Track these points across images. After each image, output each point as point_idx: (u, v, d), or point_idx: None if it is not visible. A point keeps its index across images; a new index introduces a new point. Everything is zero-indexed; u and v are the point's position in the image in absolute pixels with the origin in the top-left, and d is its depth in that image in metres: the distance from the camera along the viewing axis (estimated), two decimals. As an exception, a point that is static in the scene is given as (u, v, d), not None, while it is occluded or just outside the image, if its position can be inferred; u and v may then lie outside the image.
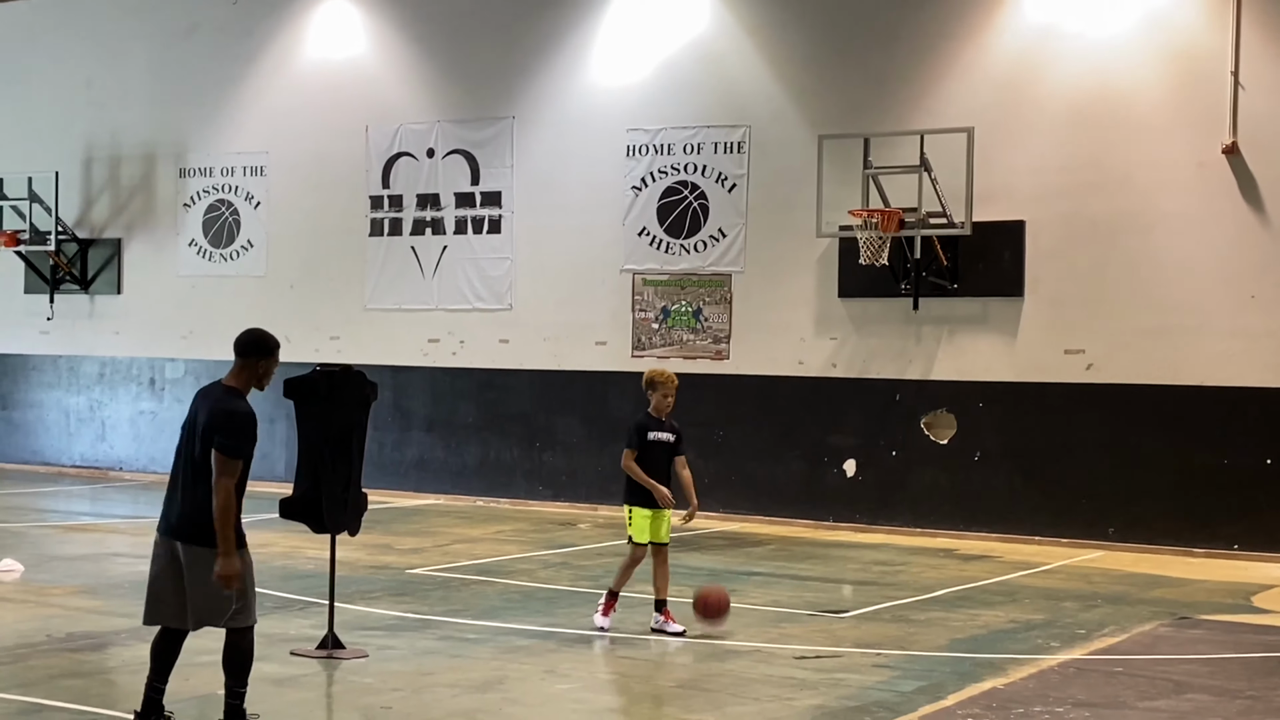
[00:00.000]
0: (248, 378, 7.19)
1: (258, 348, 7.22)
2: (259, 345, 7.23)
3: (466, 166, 19.17)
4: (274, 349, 7.27)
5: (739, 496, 17.25)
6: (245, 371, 7.18)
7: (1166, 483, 15.15)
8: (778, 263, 17.24)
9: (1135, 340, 15.36)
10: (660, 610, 10.18)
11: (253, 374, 7.19)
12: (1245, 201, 14.92)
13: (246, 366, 7.18)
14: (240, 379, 7.18)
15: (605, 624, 10.13)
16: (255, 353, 7.21)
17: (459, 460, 19.20)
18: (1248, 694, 8.47)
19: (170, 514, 7.22)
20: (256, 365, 7.19)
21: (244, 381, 7.19)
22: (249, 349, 7.21)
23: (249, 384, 7.21)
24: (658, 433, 10.28)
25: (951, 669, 9.12)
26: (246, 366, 7.18)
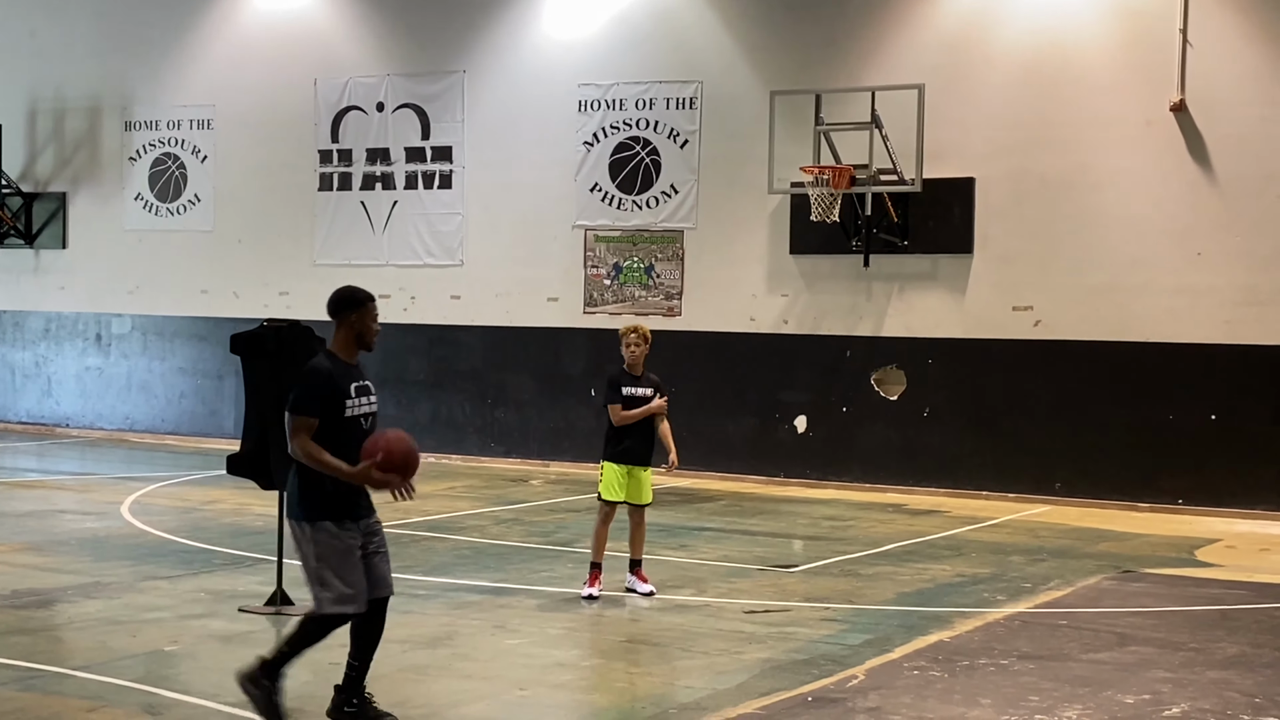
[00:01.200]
0: (344, 337, 6.72)
1: (345, 304, 6.72)
2: (346, 301, 6.73)
3: (417, 121, 19.02)
4: (363, 301, 6.76)
5: (690, 452, 17.10)
6: (341, 331, 6.73)
7: (1113, 438, 15.30)
8: (730, 219, 17.23)
9: (1083, 297, 15.47)
10: (634, 570, 10.06)
11: (350, 332, 6.71)
12: (1193, 159, 15.02)
13: (341, 325, 6.72)
14: (337, 341, 6.74)
15: (593, 592, 9.78)
16: (344, 309, 6.72)
17: (410, 417, 19.10)
18: (1190, 646, 8.59)
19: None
20: (350, 321, 6.69)
21: (340, 343, 6.73)
22: (338, 307, 6.72)
23: (348, 344, 6.72)
24: (633, 388, 9.99)
25: (899, 622, 9.20)
26: (341, 325, 6.72)
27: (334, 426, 6.53)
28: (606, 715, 6.98)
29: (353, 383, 6.65)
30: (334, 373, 6.61)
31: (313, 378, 6.59)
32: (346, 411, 6.57)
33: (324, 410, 6.52)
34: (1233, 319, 14.81)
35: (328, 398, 6.54)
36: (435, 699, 7.30)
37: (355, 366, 6.76)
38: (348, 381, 6.63)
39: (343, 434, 6.54)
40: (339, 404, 6.55)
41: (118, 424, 21.00)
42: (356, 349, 6.76)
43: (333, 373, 6.61)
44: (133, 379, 21.00)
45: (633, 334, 10.09)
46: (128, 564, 10.70)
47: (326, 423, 6.52)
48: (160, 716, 6.83)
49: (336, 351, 6.73)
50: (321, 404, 6.52)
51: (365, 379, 6.78)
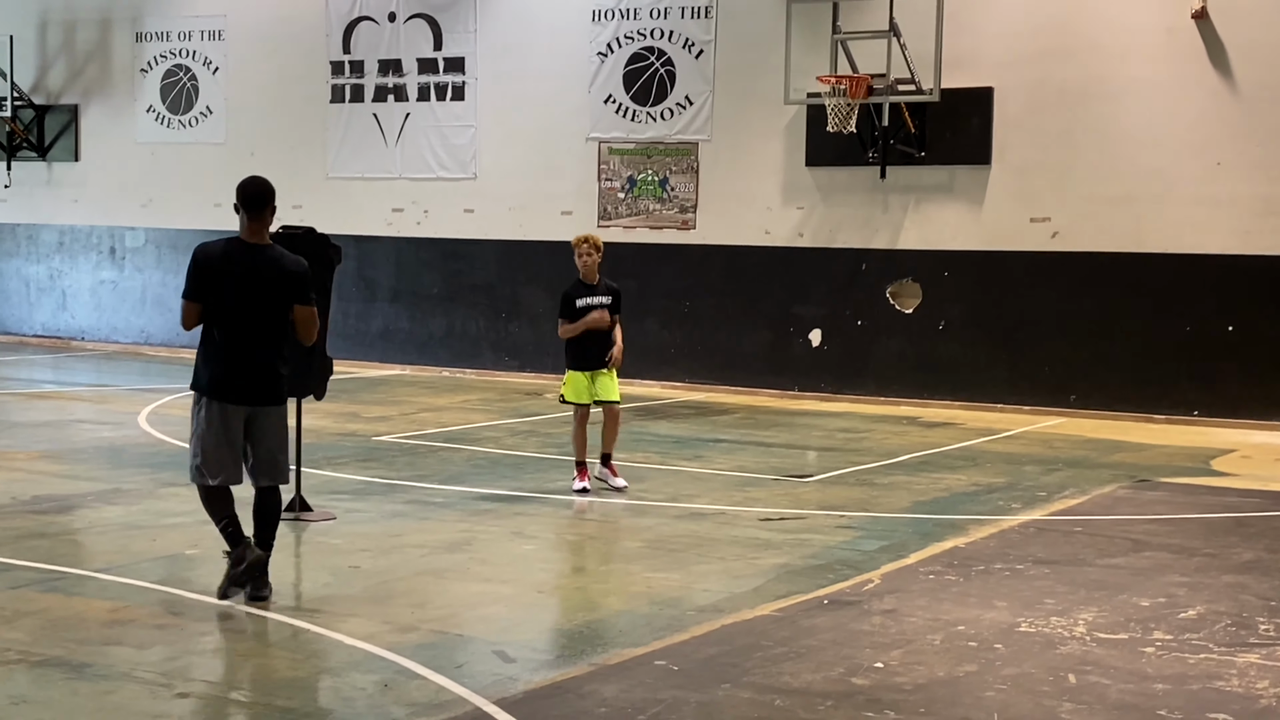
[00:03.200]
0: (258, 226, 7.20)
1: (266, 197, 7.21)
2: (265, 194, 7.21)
3: (429, 31, 18.85)
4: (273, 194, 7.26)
5: (705, 366, 17.30)
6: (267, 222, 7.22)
7: (1129, 350, 15.25)
8: (745, 131, 17.09)
9: (1101, 208, 15.36)
10: (606, 464, 10.41)
11: (268, 224, 7.24)
12: (1214, 68, 14.84)
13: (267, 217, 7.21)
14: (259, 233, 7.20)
15: (584, 485, 10.24)
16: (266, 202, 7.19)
17: (424, 331, 19.14)
18: (1204, 551, 8.61)
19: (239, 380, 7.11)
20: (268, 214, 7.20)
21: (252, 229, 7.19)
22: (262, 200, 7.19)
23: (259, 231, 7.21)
24: (588, 298, 10.33)
25: (914, 529, 9.23)
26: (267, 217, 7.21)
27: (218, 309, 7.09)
28: (624, 617, 7.03)
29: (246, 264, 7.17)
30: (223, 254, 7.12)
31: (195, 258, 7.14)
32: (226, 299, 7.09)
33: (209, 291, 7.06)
34: (1252, 229, 14.70)
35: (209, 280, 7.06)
36: (454, 601, 7.36)
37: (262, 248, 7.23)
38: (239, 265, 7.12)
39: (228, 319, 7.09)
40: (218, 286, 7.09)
41: (133, 337, 21.04)
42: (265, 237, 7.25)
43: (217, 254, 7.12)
44: (147, 293, 21.00)
45: (584, 244, 10.37)
46: (146, 472, 10.76)
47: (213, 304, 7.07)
48: (181, 616, 6.89)
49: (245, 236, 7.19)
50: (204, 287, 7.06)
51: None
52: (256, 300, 7.07)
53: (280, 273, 7.13)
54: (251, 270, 7.07)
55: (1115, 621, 6.97)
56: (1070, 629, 6.83)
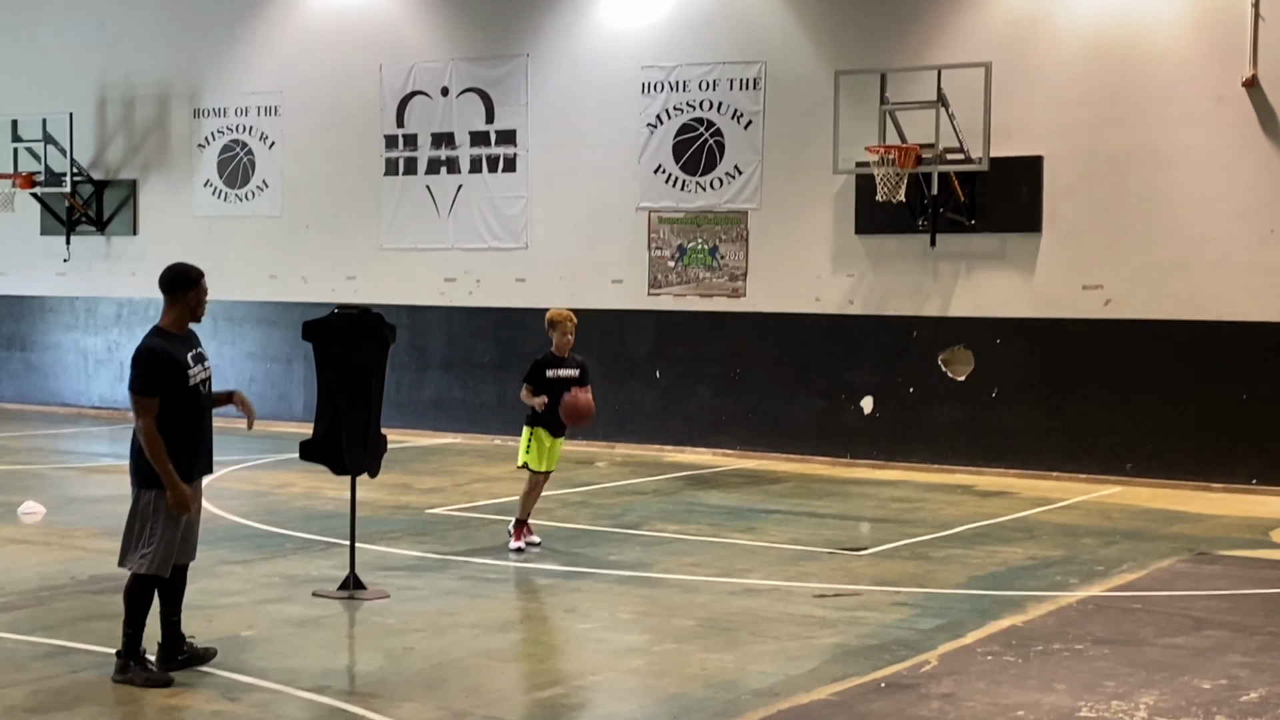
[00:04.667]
0: (178, 313, 7.32)
1: (181, 281, 7.32)
2: (182, 279, 7.32)
3: (481, 105, 19.07)
4: (198, 279, 7.37)
5: (756, 434, 17.27)
6: (175, 308, 7.30)
7: (1185, 418, 15.12)
8: (794, 199, 17.16)
9: (1154, 275, 15.28)
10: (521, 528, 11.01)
11: (184, 307, 7.32)
12: (1265, 135, 14.78)
13: (177, 302, 7.30)
14: (168, 317, 7.32)
15: (520, 545, 10.84)
16: (181, 287, 7.31)
17: (476, 399, 19.24)
18: (1266, 630, 8.50)
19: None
20: (186, 299, 7.31)
21: (172, 317, 7.31)
22: (175, 284, 7.31)
23: (180, 318, 7.33)
24: (558, 369, 10.98)
25: (971, 606, 9.15)
26: (177, 302, 7.30)
27: (178, 397, 7.17)
28: (680, 701, 7.00)
29: (188, 352, 7.29)
30: (170, 349, 7.17)
31: (150, 359, 7.13)
32: (189, 381, 7.23)
33: (168, 386, 7.13)
34: (1307, 296, 14.59)
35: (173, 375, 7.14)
36: (508, 684, 7.36)
37: (187, 336, 7.40)
38: (184, 352, 7.25)
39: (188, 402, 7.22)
40: (182, 376, 7.19)
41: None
42: (188, 322, 7.37)
43: (169, 350, 7.19)
44: (203, 363, 21.19)
45: (570, 323, 11.10)
46: (202, 548, 10.70)
47: (171, 395, 7.13)
48: (238, 701, 6.92)
49: (168, 326, 7.29)
50: (165, 381, 7.12)
51: (198, 346, 7.45)
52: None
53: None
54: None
55: (1177, 705, 6.89)
56: (1132, 713, 6.75)
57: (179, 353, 7.22)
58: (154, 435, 7.09)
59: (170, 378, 7.14)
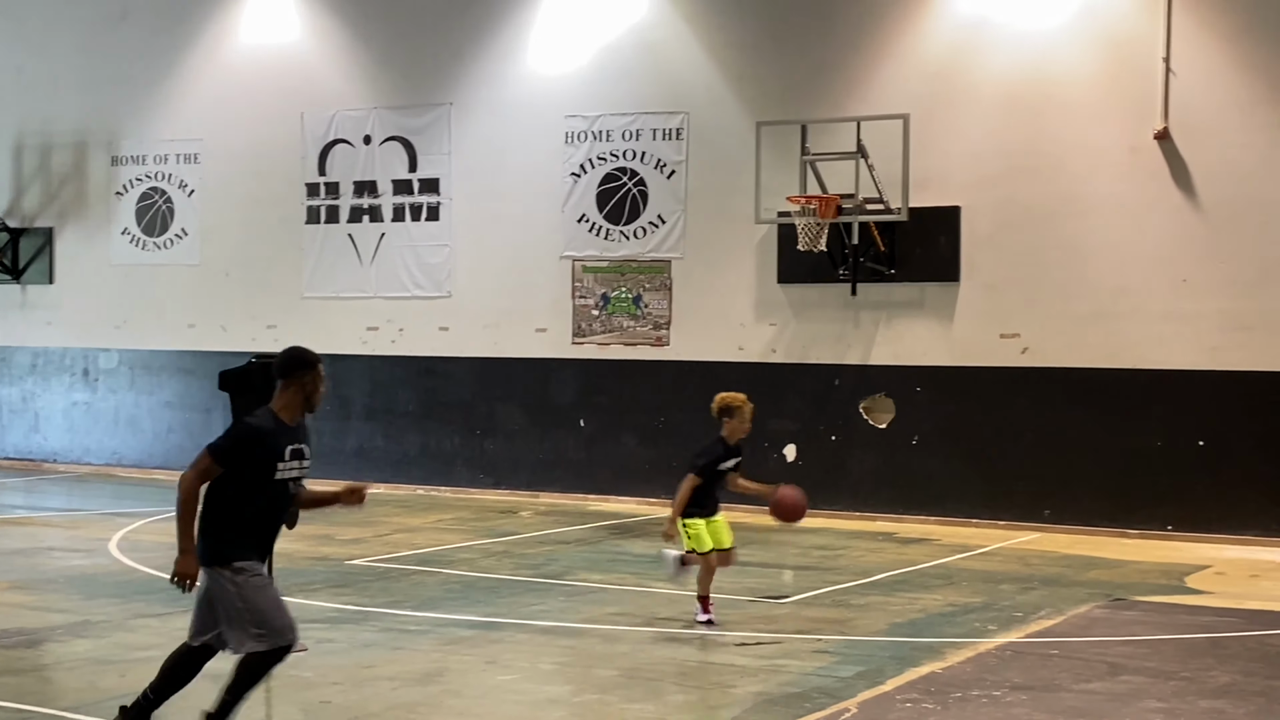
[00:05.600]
0: (291, 398, 6.73)
1: (298, 364, 6.76)
2: (298, 362, 6.77)
3: (404, 153, 19.06)
4: (314, 363, 6.80)
5: (680, 482, 17.23)
6: (288, 392, 6.73)
7: (1102, 465, 15.32)
8: (717, 249, 17.27)
9: (1069, 324, 15.51)
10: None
11: (299, 394, 6.73)
12: (1177, 186, 15.10)
13: (290, 386, 6.73)
14: (281, 400, 6.74)
15: (710, 617, 10.08)
16: (297, 369, 6.74)
17: (399, 449, 19.11)
18: (1181, 675, 8.59)
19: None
20: (302, 382, 6.72)
21: (284, 402, 6.73)
22: (290, 367, 6.75)
23: (292, 404, 6.73)
24: (728, 461, 10.38)
25: (890, 653, 9.19)
26: (290, 386, 6.73)
27: (261, 484, 6.63)
28: (599, 752, 6.95)
29: (289, 445, 6.71)
30: (272, 436, 6.65)
31: (245, 436, 6.64)
32: (276, 474, 6.67)
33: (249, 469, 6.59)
34: (1219, 345, 14.86)
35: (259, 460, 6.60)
36: (427, 737, 7.27)
37: (296, 428, 6.78)
38: (285, 443, 6.68)
39: (269, 492, 6.67)
40: (270, 466, 6.63)
41: (105, 459, 20.93)
42: (301, 411, 6.76)
43: (271, 436, 6.64)
44: (120, 414, 20.94)
45: (748, 409, 10.26)
46: (116, 602, 10.65)
47: (253, 479, 6.61)
48: (151, 758, 6.79)
49: (279, 411, 6.72)
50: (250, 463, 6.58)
51: (304, 441, 6.81)
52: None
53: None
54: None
55: (1093, 751, 6.93)
56: (1048, 759, 6.78)
57: (278, 443, 6.63)
58: (193, 493, 6.53)
59: (255, 462, 6.59)
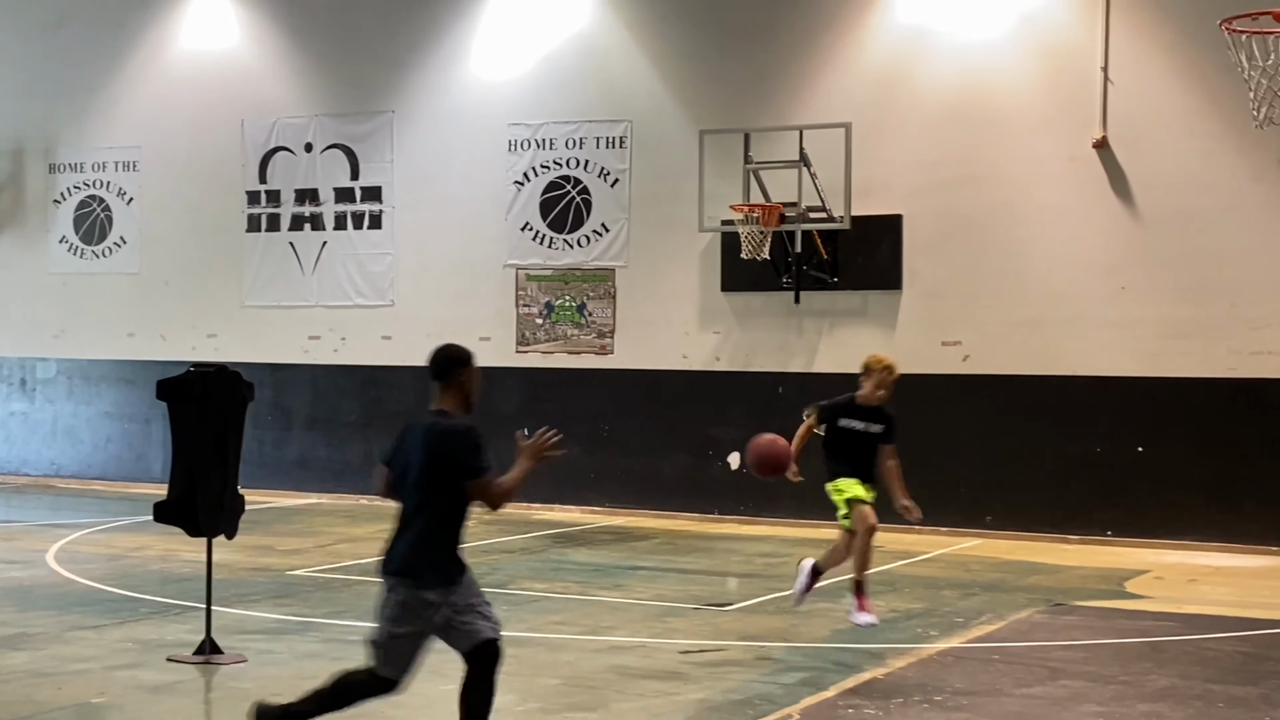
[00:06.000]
0: (455, 398, 6.51)
1: (455, 362, 6.53)
2: (455, 360, 6.53)
3: (346, 161, 18.96)
4: (469, 358, 6.58)
5: (624, 490, 17.28)
6: (450, 391, 6.51)
7: (1042, 471, 15.44)
8: (661, 257, 17.28)
9: (1010, 331, 15.64)
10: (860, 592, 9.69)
11: (460, 392, 6.52)
12: (1115, 194, 15.26)
13: (451, 385, 6.51)
14: (449, 401, 6.51)
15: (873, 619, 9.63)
16: (453, 368, 6.52)
17: (341, 458, 18.98)
18: (1120, 679, 8.66)
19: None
20: (460, 381, 6.51)
21: (452, 403, 6.51)
22: (448, 366, 6.53)
23: (458, 405, 6.51)
24: (853, 420, 9.83)
25: (833, 660, 9.21)
26: (451, 385, 6.51)
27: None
28: (542, 761, 6.92)
29: None
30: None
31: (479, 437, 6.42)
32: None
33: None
34: (1158, 351, 15.02)
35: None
36: (368, 748, 7.21)
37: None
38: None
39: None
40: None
41: (43, 469, 20.66)
42: (463, 410, 6.53)
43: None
44: (58, 424, 20.68)
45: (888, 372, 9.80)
46: (53, 613, 10.50)
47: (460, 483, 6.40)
48: (86, 772, 6.70)
49: (449, 411, 6.50)
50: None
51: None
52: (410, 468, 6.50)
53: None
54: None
55: (1033, 754, 6.97)
56: (989, 764, 6.81)
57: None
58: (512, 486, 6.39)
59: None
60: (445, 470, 6.36)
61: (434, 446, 6.38)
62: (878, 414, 9.68)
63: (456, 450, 6.34)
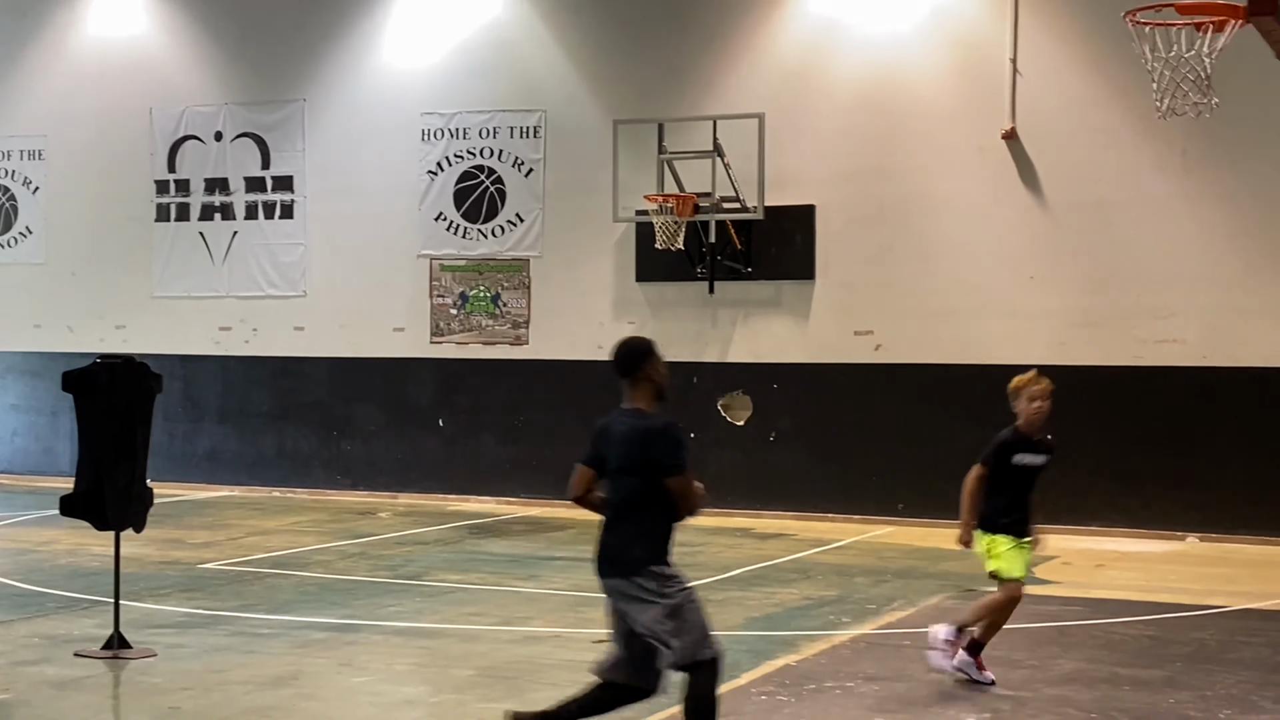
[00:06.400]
0: (646, 391, 6.42)
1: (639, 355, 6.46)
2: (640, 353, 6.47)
3: (256, 150, 18.74)
4: (652, 349, 6.50)
5: (541, 481, 17.22)
6: (641, 386, 6.42)
7: (953, 459, 15.43)
8: (575, 247, 17.27)
9: (921, 321, 15.80)
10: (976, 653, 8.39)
11: (651, 385, 6.41)
12: (1024, 185, 15.46)
13: (640, 380, 6.42)
14: (640, 397, 6.42)
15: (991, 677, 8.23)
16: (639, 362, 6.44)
17: (254, 450, 18.79)
18: (1028, 663, 8.80)
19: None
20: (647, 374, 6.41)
21: (644, 398, 6.42)
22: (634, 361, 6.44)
23: (649, 398, 6.42)
24: (1026, 455, 8.40)
25: (747, 648, 9.26)
26: (640, 380, 6.42)
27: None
28: (455, 752, 6.91)
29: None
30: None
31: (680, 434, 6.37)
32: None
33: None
34: (1066, 340, 15.25)
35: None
36: (279, 741, 7.16)
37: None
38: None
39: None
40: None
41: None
42: (655, 402, 6.42)
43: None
44: (-39, 417, 20.27)
45: (1038, 387, 8.47)
46: (-45, 611, 10.31)
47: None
48: (-11, 770, 6.59)
49: (646, 409, 6.39)
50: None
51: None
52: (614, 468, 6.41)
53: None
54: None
55: (942, 738, 7.06)
56: (899, 748, 6.90)
57: None
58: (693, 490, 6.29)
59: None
60: (650, 469, 6.26)
61: (638, 445, 6.28)
62: (1046, 445, 8.51)
63: (656, 447, 6.25)
